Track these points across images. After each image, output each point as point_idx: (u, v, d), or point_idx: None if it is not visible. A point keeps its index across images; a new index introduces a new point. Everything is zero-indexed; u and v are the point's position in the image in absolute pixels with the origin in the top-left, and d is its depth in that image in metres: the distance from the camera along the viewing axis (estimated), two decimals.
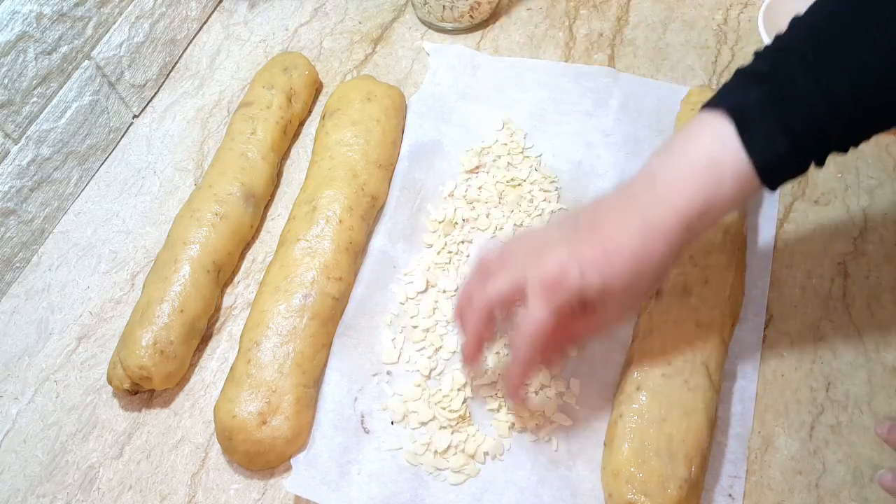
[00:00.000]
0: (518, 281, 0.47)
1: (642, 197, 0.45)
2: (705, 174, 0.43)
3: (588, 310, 0.47)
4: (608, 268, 0.45)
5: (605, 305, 0.47)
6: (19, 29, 0.63)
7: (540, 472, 0.53)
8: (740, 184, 0.43)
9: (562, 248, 0.46)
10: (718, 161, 0.43)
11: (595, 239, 0.45)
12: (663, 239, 0.44)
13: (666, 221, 0.44)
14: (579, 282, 0.45)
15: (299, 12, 0.86)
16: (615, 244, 0.45)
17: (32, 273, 0.69)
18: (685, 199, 0.44)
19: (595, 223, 0.46)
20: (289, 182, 0.72)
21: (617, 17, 0.80)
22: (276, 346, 0.56)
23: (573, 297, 0.45)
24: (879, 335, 0.58)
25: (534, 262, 0.46)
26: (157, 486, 0.56)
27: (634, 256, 0.45)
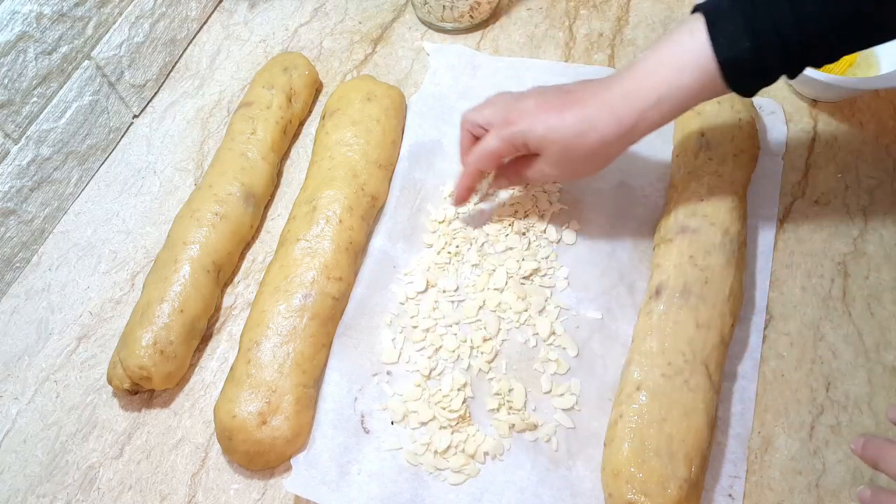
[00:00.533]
0: (491, 116, 0.57)
1: (615, 79, 0.52)
2: (670, 64, 0.49)
3: (532, 152, 0.55)
4: (555, 121, 0.53)
5: (544, 155, 0.55)
6: (19, 29, 0.63)
7: (540, 472, 0.53)
8: (701, 76, 0.48)
9: (531, 101, 0.55)
10: (685, 52, 0.48)
11: (560, 101, 0.53)
12: (610, 114, 0.51)
13: (624, 101, 0.50)
14: (526, 126, 0.54)
15: (299, 12, 0.86)
16: (570, 107, 0.52)
17: (32, 273, 0.69)
18: (645, 85, 0.49)
19: (571, 90, 0.54)
20: (289, 182, 0.72)
21: (617, 17, 0.80)
22: (276, 346, 0.56)
23: (516, 137, 0.55)
24: (879, 335, 0.58)
25: (510, 104, 0.56)
26: (157, 486, 0.56)
27: (581, 121, 0.52)
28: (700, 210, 0.58)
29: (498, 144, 0.56)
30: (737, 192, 0.60)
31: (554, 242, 0.64)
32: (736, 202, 0.59)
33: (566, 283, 0.62)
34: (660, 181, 0.67)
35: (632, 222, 0.65)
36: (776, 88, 0.72)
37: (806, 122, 0.70)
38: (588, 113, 0.51)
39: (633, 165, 0.68)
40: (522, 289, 0.61)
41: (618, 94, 0.51)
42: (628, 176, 0.67)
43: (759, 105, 0.69)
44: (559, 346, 0.59)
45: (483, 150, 0.58)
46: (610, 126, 0.51)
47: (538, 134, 0.53)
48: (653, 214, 0.65)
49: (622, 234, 0.64)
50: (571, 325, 0.60)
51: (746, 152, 0.62)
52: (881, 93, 0.71)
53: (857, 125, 0.69)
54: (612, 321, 0.60)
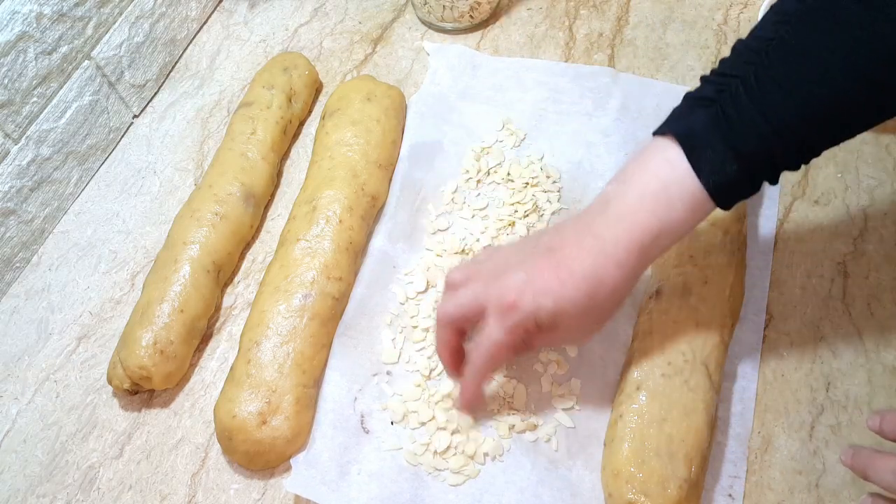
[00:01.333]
0: (479, 300, 0.49)
1: (597, 222, 0.47)
2: (657, 198, 0.45)
3: (544, 330, 0.48)
4: (561, 291, 0.46)
5: (560, 327, 0.48)
6: (19, 29, 0.63)
7: (540, 472, 0.53)
8: (692, 206, 0.45)
9: (519, 272, 0.47)
10: (669, 185, 0.45)
11: (551, 263, 0.47)
12: (614, 263, 0.46)
13: (619, 246, 0.45)
14: (533, 306, 0.46)
15: (299, 12, 0.86)
16: (568, 269, 0.46)
17: (32, 273, 0.69)
18: (637, 224, 0.45)
19: (552, 246, 0.48)
20: (289, 182, 0.72)
21: (617, 17, 0.80)
22: (276, 346, 0.56)
23: (527, 321, 0.47)
24: (879, 335, 0.58)
25: (493, 283, 0.48)
26: (157, 486, 0.56)
27: (587, 281, 0.46)
28: None
29: (506, 336, 0.48)
30: None
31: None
32: None
33: None
34: None
35: None
36: None
37: None
38: (590, 271, 0.46)
39: None
40: None
41: (610, 242, 0.46)
42: None
43: None
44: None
45: (490, 348, 0.48)
46: (615, 276, 0.46)
47: (549, 310, 0.46)
48: None
49: None
50: None
51: None
52: None
53: None
54: (611, 321, 0.60)
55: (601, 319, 0.49)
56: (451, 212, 0.67)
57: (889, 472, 0.40)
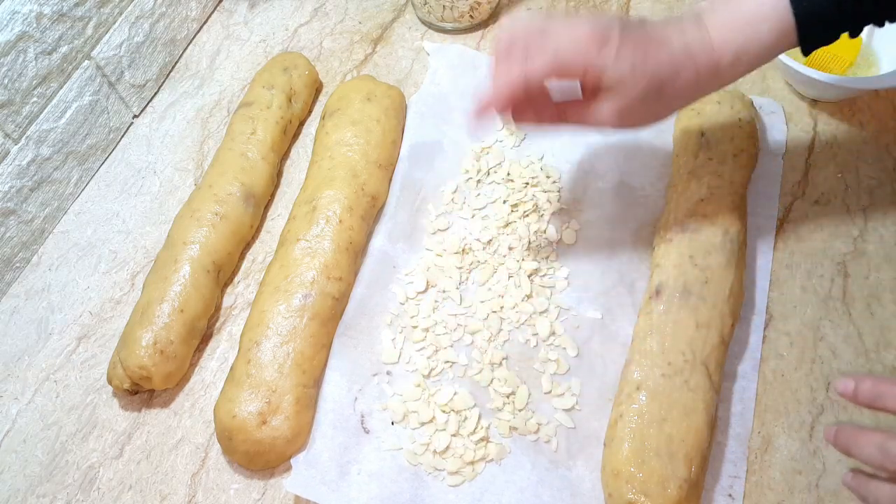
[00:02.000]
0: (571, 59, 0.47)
1: (689, 28, 0.49)
2: (747, 20, 0.47)
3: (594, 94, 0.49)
4: (641, 59, 0.47)
5: (616, 94, 0.48)
6: (19, 29, 0.63)
7: (540, 472, 0.53)
8: (777, 35, 0.47)
9: (615, 26, 0.47)
10: (762, 9, 0.47)
11: (643, 35, 0.48)
12: (694, 66, 0.48)
13: (703, 52, 0.48)
14: (613, 56, 0.47)
15: (299, 12, 0.86)
16: (656, 47, 0.48)
17: (32, 273, 0.69)
18: (724, 39, 0.48)
19: (646, 25, 0.49)
20: (289, 182, 0.72)
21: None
22: (276, 346, 0.56)
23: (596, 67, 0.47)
24: (879, 335, 0.58)
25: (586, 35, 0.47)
26: (157, 486, 0.56)
27: (666, 67, 0.47)
28: (700, 210, 0.58)
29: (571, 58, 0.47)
30: (737, 192, 0.60)
31: (554, 242, 0.64)
32: (736, 202, 0.59)
33: (566, 283, 0.62)
34: (660, 181, 0.67)
35: (632, 222, 0.65)
36: (776, 88, 0.72)
37: (806, 122, 0.70)
38: (669, 59, 0.47)
39: (633, 165, 0.68)
40: (522, 289, 0.61)
41: (696, 44, 0.48)
42: (628, 176, 0.67)
43: (759, 105, 0.69)
44: (559, 346, 0.59)
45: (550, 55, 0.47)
46: (690, 78, 0.48)
47: (625, 66, 0.47)
48: (653, 214, 0.65)
49: (622, 233, 0.64)
50: (571, 325, 0.60)
51: (746, 152, 0.62)
52: (881, 93, 0.71)
53: (857, 125, 0.69)
54: (612, 321, 0.60)
55: (656, 112, 0.51)
56: (451, 212, 0.67)
57: (873, 445, 0.40)
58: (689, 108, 0.66)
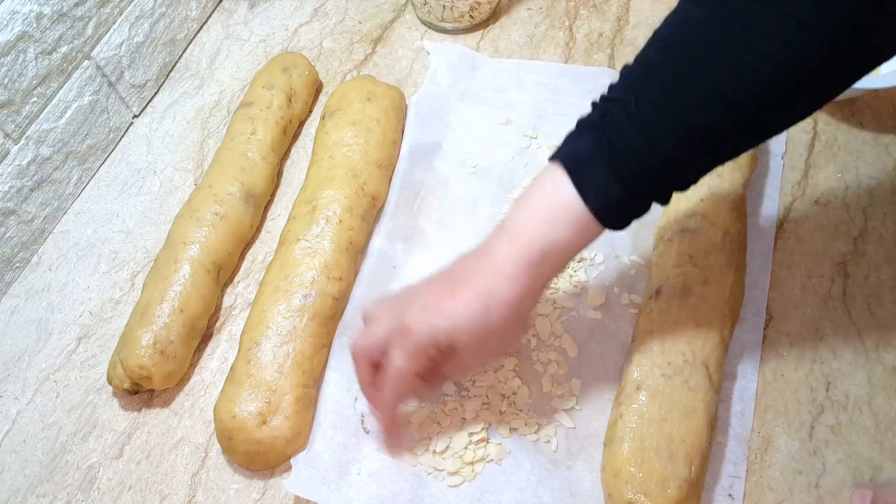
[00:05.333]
0: (386, 333, 0.50)
1: (492, 244, 0.48)
2: (543, 219, 0.46)
3: (445, 353, 0.48)
4: (453, 310, 0.47)
5: (460, 348, 0.48)
6: (19, 29, 0.63)
7: (540, 472, 0.53)
8: (578, 227, 0.45)
9: (419, 301, 0.49)
10: (555, 207, 0.45)
11: (447, 286, 0.48)
12: (505, 279, 0.46)
13: (508, 262, 0.46)
14: (427, 327, 0.47)
15: (299, 12, 0.86)
16: (461, 290, 0.47)
17: (32, 273, 0.69)
18: (524, 242, 0.46)
19: (452, 273, 0.49)
20: (289, 182, 0.72)
21: (617, 17, 0.80)
22: (276, 346, 0.56)
23: (424, 345, 0.48)
24: (879, 335, 0.58)
25: (398, 316, 0.49)
26: (157, 486, 0.56)
27: (478, 298, 0.46)
28: (700, 210, 0.58)
29: (409, 362, 0.48)
30: (737, 192, 0.60)
31: None
32: (736, 202, 0.59)
33: (566, 282, 0.62)
34: None
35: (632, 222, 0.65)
36: None
37: (806, 122, 0.70)
38: (481, 287, 0.47)
39: None
40: None
41: (501, 259, 0.46)
42: None
43: None
44: (559, 346, 0.59)
45: (398, 376, 0.49)
46: (506, 291, 0.46)
47: (444, 329, 0.47)
48: (653, 215, 0.64)
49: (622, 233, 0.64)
50: (571, 325, 0.60)
51: (746, 152, 0.62)
52: (881, 93, 0.71)
53: (857, 125, 0.69)
54: (612, 321, 0.60)
55: (501, 338, 0.49)
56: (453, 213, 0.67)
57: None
58: None
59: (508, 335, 0.50)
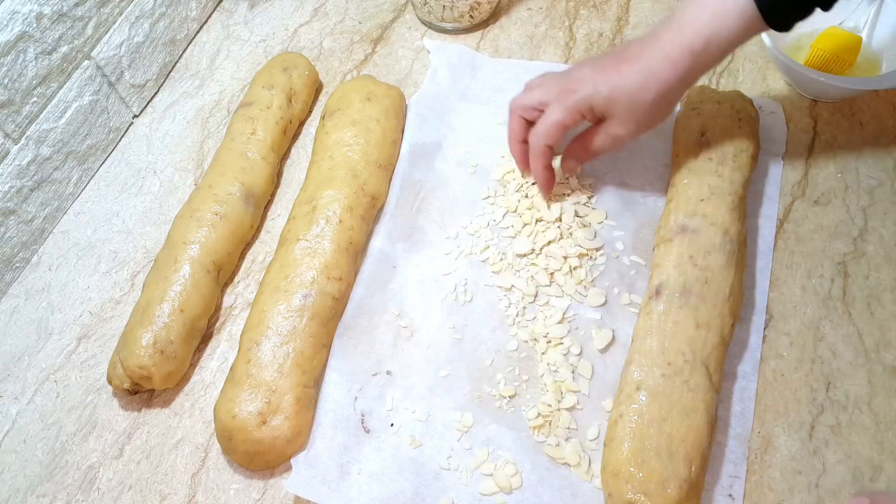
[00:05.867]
0: (548, 94, 0.58)
1: (661, 29, 0.55)
2: (712, 12, 0.52)
3: (598, 114, 0.56)
4: (616, 79, 0.55)
5: (612, 115, 0.56)
6: (19, 29, 0.63)
7: (540, 472, 0.53)
8: (742, 22, 0.51)
9: (586, 68, 0.57)
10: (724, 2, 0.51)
11: (615, 60, 0.56)
12: (669, 62, 0.53)
13: (673, 48, 0.53)
14: (589, 89, 0.55)
15: (299, 12, 0.86)
16: (627, 65, 0.55)
17: (32, 273, 0.69)
18: (691, 30, 0.53)
19: (621, 51, 0.56)
20: (289, 182, 0.72)
21: (617, 17, 0.80)
22: (276, 346, 0.56)
23: (582, 103, 0.56)
24: (879, 335, 0.58)
25: (562, 79, 0.58)
26: (157, 486, 0.56)
27: (641, 73, 0.54)
28: (700, 210, 0.58)
29: (563, 114, 0.57)
30: (737, 192, 0.60)
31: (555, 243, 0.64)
32: (736, 202, 0.59)
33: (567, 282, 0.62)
34: (660, 181, 0.67)
35: (632, 222, 0.65)
36: (776, 88, 0.72)
37: (806, 122, 0.70)
38: (645, 64, 0.54)
39: (633, 165, 0.68)
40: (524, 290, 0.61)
41: (667, 43, 0.53)
42: (628, 176, 0.67)
43: (759, 105, 0.69)
44: (560, 346, 0.59)
45: (548, 123, 0.57)
46: (667, 72, 0.53)
47: (603, 95, 0.55)
48: (653, 214, 0.65)
49: (622, 233, 0.64)
50: (572, 325, 0.60)
51: (746, 152, 0.62)
52: (881, 93, 0.71)
53: (857, 125, 0.69)
54: (612, 321, 0.60)
55: (651, 113, 0.56)
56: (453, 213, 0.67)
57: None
58: (689, 108, 0.66)
59: (659, 113, 0.57)
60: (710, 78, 0.74)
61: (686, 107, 0.67)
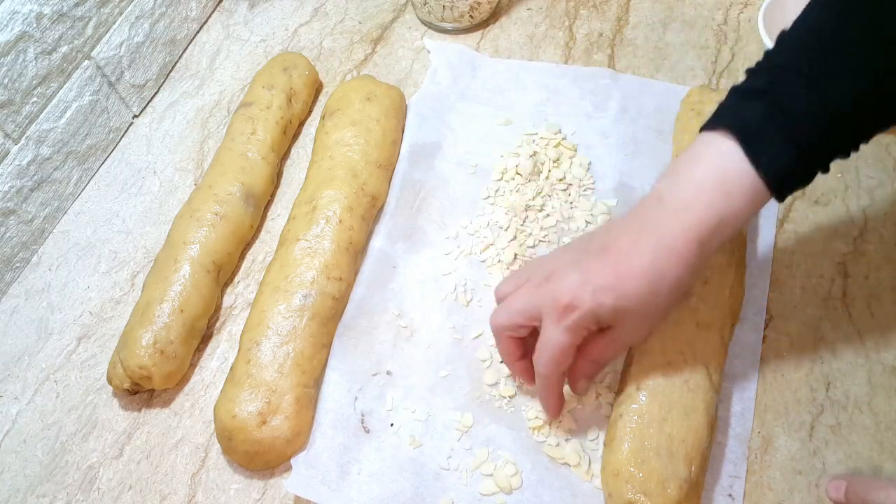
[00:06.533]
0: (533, 305, 0.48)
1: (652, 217, 0.46)
2: (714, 191, 0.44)
3: (605, 331, 0.48)
4: (620, 289, 0.46)
5: (621, 326, 0.48)
6: (19, 29, 0.63)
7: (540, 472, 0.53)
8: (750, 198, 0.44)
9: (574, 272, 0.47)
10: (726, 177, 0.44)
11: (607, 261, 0.46)
12: (676, 257, 0.45)
13: (678, 239, 0.45)
14: (591, 304, 0.46)
15: (299, 12, 0.86)
16: (626, 265, 0.46)
17: (32, 273, 0.69)
18: (696, 217, 0.45)
19: (606, 245, 0.47)
20: (289, 182, 0.72)
21: (617, 17, 0.80)
22: (276, 346, 0.56)
23: (587, 320, 0.47)
24: (879, 335, 0.58)
25: (546, 286, 0.48)
26: (157, 486, 0.56)
27: (647, 277, 0.45)
28: None
29: (568, 337, 0.47)
30: None
31: (554, 244, 0.64)
32: None
33: None
34: None
35: None
36: None
37: None
38: (648, 265, 0.45)
39: (633, 166, 0.68)
40: None
41: (667, 233, 0.45)
42: (628, 176, 0.67)
43: None
44: None
45: (555, 350, 0.48)
46: (678, 269, 0.45)
47: (608, 307, 0.46)
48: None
49: None
50: None
51: None
52: None
53: None
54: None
55: (662, 314, 0.49)
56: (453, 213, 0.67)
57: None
58: (688, 109, 0.66)
59: (668, 310, 0.50)
60: (710, 78, 0.74)
61: (686, 107, 0.67)
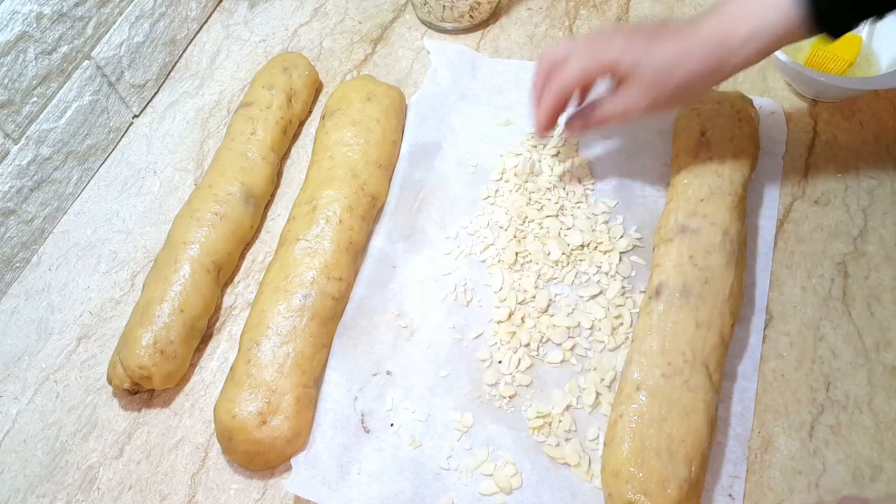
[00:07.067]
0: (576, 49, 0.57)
1: (699, 20, 0.54)
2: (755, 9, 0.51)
3: (618, 87, 0.56)
4: (646, 53, 0.54)
5: (633, 83, 0.55)
6: (19, 29, 0.63)
7: (540, 472, 0.53)
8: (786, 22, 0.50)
9: (618, 35, 0.56)
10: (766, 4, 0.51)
11: (649, 34, 0.55)
12: (703, 50, 0.53)
13: (710, 38, 0.53)
14: (619, 53, 0.55)
15: (299, 12, 0.86)
16: (660, 42, 0.54)
17: (32, 273, 0.69)
18: (732, 25, 0.52)
19: (655, 27, 0.56)
20: (289, 182, 0.72)
21: (617, 17, 0.80)
22: (276, 346, 0.56)
23: (610, 60, 0.55)
24: (879, 335, 0.58)
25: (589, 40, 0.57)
26: (157, 486, 0.56)
27: (673, 52, 0.54)
28: (700, 210, 0.58)
29: (588, 63, 0.56)
30: (737, 192, 0.60)
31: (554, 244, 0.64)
32: (736, 202, 0.59)
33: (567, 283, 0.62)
34: (660, 181, 0.67)
35: (632, 222, 0.65)
36: (776, 88, 0.72)
37: (806, 122, 0.70)
38: (681, 45, 0.53)
39: (633, 165, 0.68)
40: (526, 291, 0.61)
41: (705, 31, 0.53)
42: (628, 176, 0.67)
43: (759, 105, 0.69)
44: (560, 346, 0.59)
45: (572, 67, 0.57)
46: (701, 61, 0.53)
47: (630, 61, 0.54)
48: (653, 214, 0.65)
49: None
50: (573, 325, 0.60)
51: (746, 152, 0.62)
52: (881, 93, 0.71)
53: (857, 125, 0.69)
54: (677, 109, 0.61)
55: (672, 94, 0.55)
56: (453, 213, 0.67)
57: None
58: (689, 108, 0.66)
59: (678, 97, 0.56)
60: None
61: (686, 106, 0.67)
